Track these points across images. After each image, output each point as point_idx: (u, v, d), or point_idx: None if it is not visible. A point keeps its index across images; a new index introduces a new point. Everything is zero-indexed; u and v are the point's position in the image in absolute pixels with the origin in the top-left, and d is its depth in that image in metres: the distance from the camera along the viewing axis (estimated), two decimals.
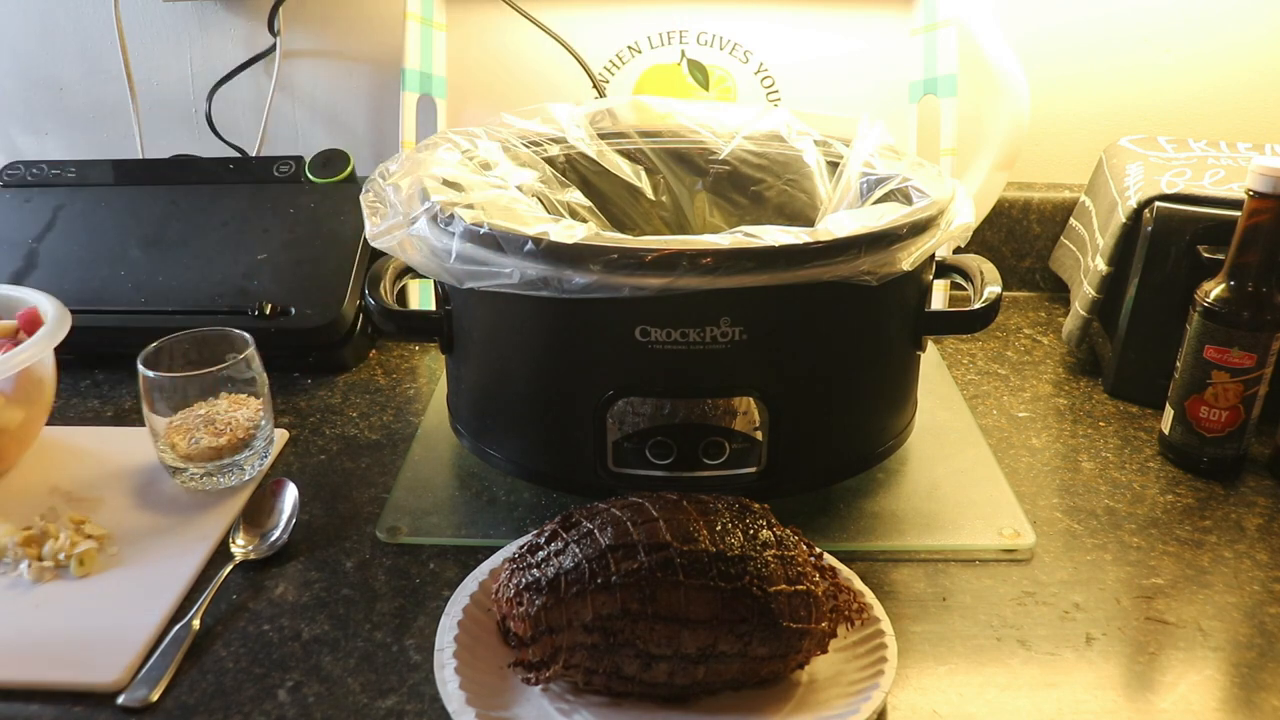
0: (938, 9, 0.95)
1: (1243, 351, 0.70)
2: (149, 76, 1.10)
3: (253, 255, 0.91)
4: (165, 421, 0.70)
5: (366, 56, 1.08)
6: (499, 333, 0.67)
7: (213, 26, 1.08)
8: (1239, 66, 1.03)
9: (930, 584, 0.63)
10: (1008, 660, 0.57)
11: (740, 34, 0.99)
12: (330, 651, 0.57)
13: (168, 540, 0.66)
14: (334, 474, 0.74)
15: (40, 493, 0.71)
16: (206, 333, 0.73)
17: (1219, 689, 0.55)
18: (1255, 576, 0.64)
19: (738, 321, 0.60)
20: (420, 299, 0.97)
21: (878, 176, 0.74)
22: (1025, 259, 1.08)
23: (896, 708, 0.53)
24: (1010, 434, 0.80)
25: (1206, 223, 0.78)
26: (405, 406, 0.84)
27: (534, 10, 0.97)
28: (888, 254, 0.60)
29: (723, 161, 0.84)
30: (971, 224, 0.66)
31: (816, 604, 0.52)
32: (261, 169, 0.98)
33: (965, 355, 0.94)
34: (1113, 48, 1.03)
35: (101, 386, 0.88)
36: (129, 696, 0.53)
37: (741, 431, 0.64)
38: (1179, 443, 0.75)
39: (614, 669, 0.50)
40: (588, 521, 0.53)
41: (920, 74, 0.97)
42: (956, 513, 0.69)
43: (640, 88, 1.00)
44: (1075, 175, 1.08)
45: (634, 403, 0.63)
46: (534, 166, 0.79)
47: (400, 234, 0.64)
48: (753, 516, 0.54)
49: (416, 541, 0.66)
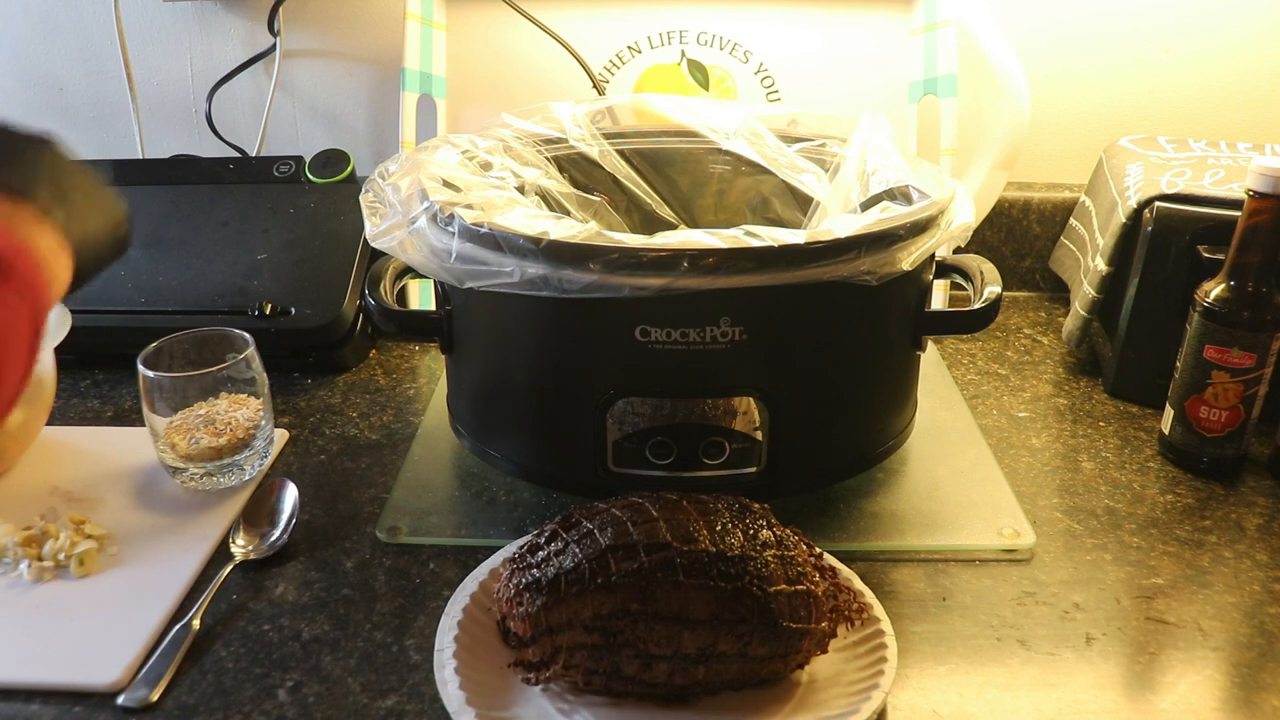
0: (938, 9, 0.95)
1: (1243, 351, 0.70)
2: (149, 76, 1.10)
3: (253, 255, 0.91)
4: (165, 421, 0.70)
5: (366, 56, 1.08)
6: (499, 333, 0.67)
7: (213, 26, 1.08)
8: (1239, 65, 1.03)
9: (930, 584, 0.63)
10: (1008, 660, 0.57)
11: (740, 34, 0.99)
12: (330, 651, 0.57)
13: (168, 540, 0.66)
14: (334, 474, 0.74)
15: (40, 493, 0.71)
16: (206, 333, 0.73)
17: (1219, 689, 0.55)
18: (1255, 576, 0.64)
19: (738, 321, 0.60)
20: (420, 299, 0.97)
21: (877, 175, 0.74)
22: (1025, 259, 1.08)
23: (896, 708, 0.53)
24: (1010, 434, 0.80)
25: (1206, 223, 0.78)
26: (405, 406, 0.84)
27: (534, 10, 0.97)
28: (888, 254, 0.60)
29: (725, 159, 0.84)
30: (971, 224, 0.66)
31: (816, 604, 0.52)
32: (261, 169, 0.98)
33: (965, 355, 0.94)
34: (1113, 46, 1.03)
35: (101, 386, 0.88)
36: (129, 696, 0.53)
37: (741, 431, 0.64)
38: (1179, 443, 0.75)
39: (614, 669, 0.50)
40: (588, 521, 0.53)
41: (920, 74, 0.97)
42: (956, 513, 0.69)
43: (640, 88, 1.00)
44: (1075, 175, 1.08)
45: (634, 403, 0.63)
46: (535, 165, 0.79)
47: (400, 234, 0.64)
48: (753, 516, 0.54)
49: (416, 541, 0.66)
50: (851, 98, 0.99)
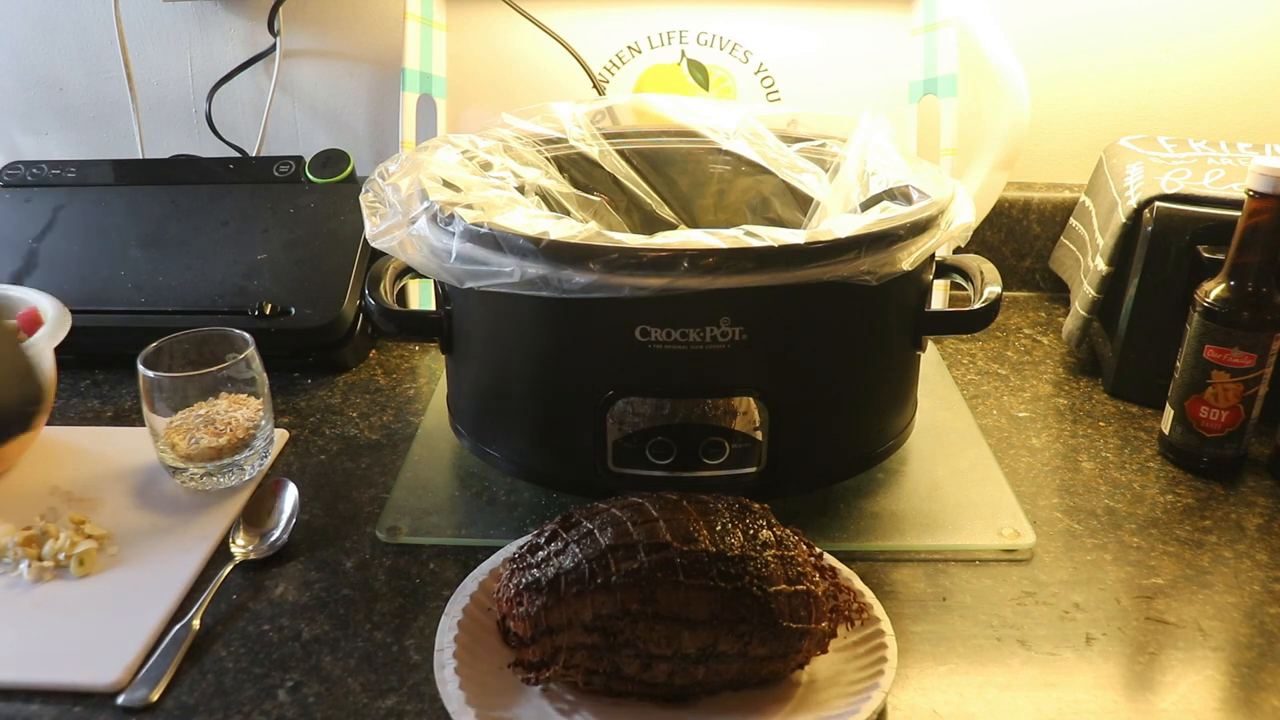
0: (938, 9, 0.95)
1: (1243, 351, 0.70)
2: (149, 76, 1.10)
3: (253, 255, 0.91)
4: (165, 421, 0.70)
5: (366, 56, 1.08)
6: (499, 333, 0.67)
7: (213, 26, 1.08)
8: (1239, 65, 1.03)
9: (930, 584, 0.63)
10: (1008, 660, 0.57)
11: (740, 34, 0.99)
12: (330, 651, 0.57)
13: (168, 540, 0.66)
14: (334, 474, 0.74)
15: (40, 493, 0.71)
16: (206, 333, 0.73)
17: (1219, 689, 0.55)
18: (1255, 576, 0.64)
19: (738, 321, 0.60)
20: (420, 299, 0.97)
21: (877, 175, 0.74)
22: (1025, 259, 1.08)
23: (896, 708, 0.53)
24: (1010, 434, 0.80)
25: (1206, 223, 0.78)
26: (405, 406, 0.84)
27: (534, 10, 0.97)
28: (888, 254, 0.60)
29: (725, 159, 0.84)
30: (971, 224, 0.66)
31: (816, 604, 0.52)
32: (261, 169, 0.98)
33: (965, 355, 0.94)
34: (1113, 46, 1.03)
35: (101, 386, 0.88)
36: (129, 696, 0.53)
37: (741, 431, 0.64)
38: (1179, 443, 0.75)
39: (614, 669, 0.50)
40: (588, 521, 0.53)
41: (920, 74, 0.97)
42: (956, 513, 0.69)
43: (640, 88, 1.00)
44: (1075, 175, 1.08)
45: (634, 403, 0.63)
46: (535, 165, 0.79)
47: (400, 234, 0.64)
48: (753, 516, 0.54)
49: (416, 541, 0.66)
50: (851, 98, 0.99)
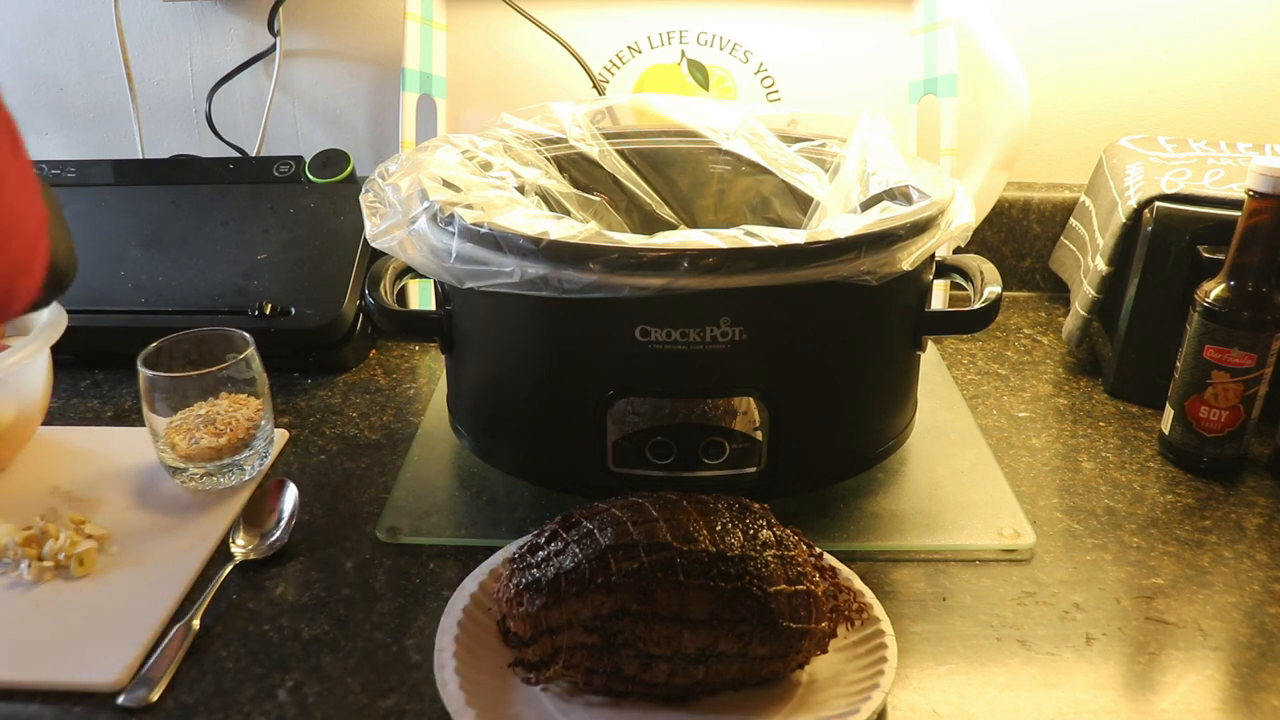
0: (938, 9, 0.95)
1: (1243, 351, 0.70)
2: (149, 76, 1.10)
3: (253, 255, 0.91)
4: (165, 421, 0.70)
5: (366, 56, 1.08)
6: (499, 333, 0.67)
7: (213, 26, 1.08)
8: (1239, 65, 1.03)
9: (930, 584, 0.63)
10: (1008, 660, 0.57)
11: (740, 34, 0.99)
12: (330, 651, 0.57)
13: (168, 540, 0.66)
14: (334, 474, 0.74)
15: (40, 493, 0.71)
16: (206, 333, 0.73)
17: (1219, 689, 0.55)
18: (1255, 576, 0.64)
19: (738, 321, 0.60)
20: (420, 299, 0.97)
21: (877, 175, 0.74)
22: (1025, 259, 1.08)
23: (896, 708, 0.53)
24: (1010, 434, 0.80)
25: (1206, 223, 0.78)
26: (405, 406, 0.84)
27: (534, 10, 0.97)
28: (888, 254, 0.60)
29: (725, 159, 0.84)
30: (971, 224, 0.66)
31: (816, 604, 0.52)
32: (261, 169, 0.98)
33: (965, 355, 0.94)
34: (1113, 46, 1.03)
35: (101, 386, 0.88)
36: (129, 696, 0.53)
37: (741, 431, 0.64)
38: (1179, 443, 0.75)
39: (614, 669, 0.50)
40: (588, 521, 0.53)
41: (920, 74, 0.97)
42: (956, 513, 0.69)
43: (640, 88, 1.00)
44: (1075, 175, 1.08)
45: (634, 403, 0.63)
46: (535, 165, 0.79)
47: (400, 234, 0.64)
48: (753, 516, 0.54)
49: (416, 541, 0.66)
50: (851, 98, 0.99)
